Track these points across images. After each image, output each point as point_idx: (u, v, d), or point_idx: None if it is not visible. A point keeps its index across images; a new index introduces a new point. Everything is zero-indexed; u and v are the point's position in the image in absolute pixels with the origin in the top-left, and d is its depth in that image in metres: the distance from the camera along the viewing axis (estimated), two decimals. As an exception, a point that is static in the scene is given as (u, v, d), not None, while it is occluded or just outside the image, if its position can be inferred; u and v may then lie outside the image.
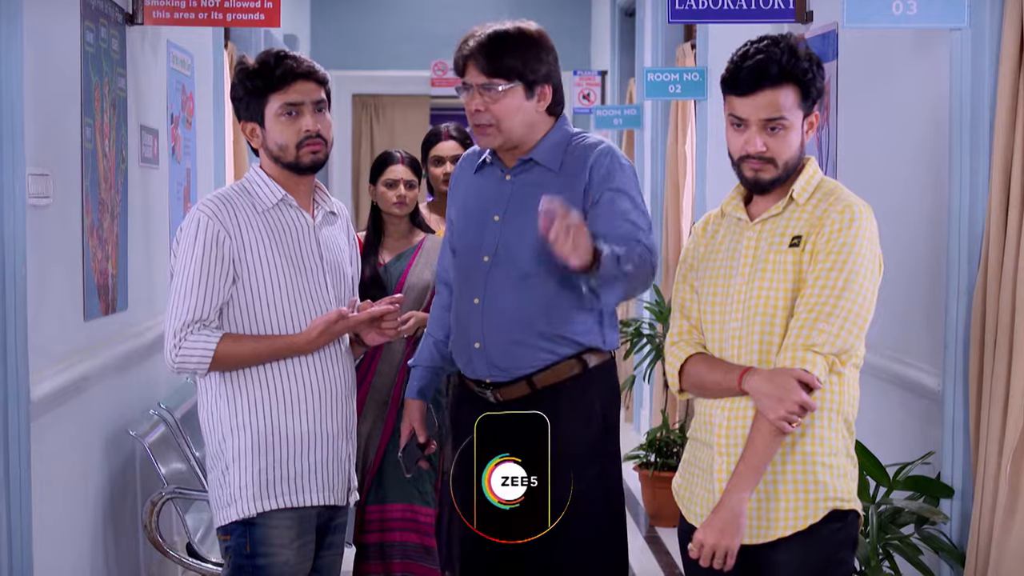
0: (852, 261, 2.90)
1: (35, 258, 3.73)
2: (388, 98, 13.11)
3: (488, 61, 3.47)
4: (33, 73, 3.72)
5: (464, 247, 3.63)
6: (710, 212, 3.24)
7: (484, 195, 3.61)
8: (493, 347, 3.51)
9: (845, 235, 2.91)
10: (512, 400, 3.51)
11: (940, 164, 3.81)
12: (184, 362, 3.25)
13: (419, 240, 4.94)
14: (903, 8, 3.68)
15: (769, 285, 2.97)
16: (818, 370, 2.87)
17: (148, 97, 5.15)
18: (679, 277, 3.22)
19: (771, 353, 2.96)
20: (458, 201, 3.72)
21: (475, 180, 3.67)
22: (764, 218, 3.04)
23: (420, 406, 3.80)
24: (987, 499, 3.51)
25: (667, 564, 6.11)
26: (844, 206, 2.95)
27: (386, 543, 4.88)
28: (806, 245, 2.95)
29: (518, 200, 3.53)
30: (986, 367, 3.57)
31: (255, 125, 3.36)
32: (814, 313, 2.89)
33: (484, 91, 3.48)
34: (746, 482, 2.90)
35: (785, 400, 2.84)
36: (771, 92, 2.96)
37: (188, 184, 5.92)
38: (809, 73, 2.97)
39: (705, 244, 3.17)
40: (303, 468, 3.32)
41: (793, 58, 2.96)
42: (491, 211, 3.57)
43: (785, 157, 2.99)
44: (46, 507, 3.82)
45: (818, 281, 2.91)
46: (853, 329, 2.90)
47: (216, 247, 3.25)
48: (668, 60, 8.14)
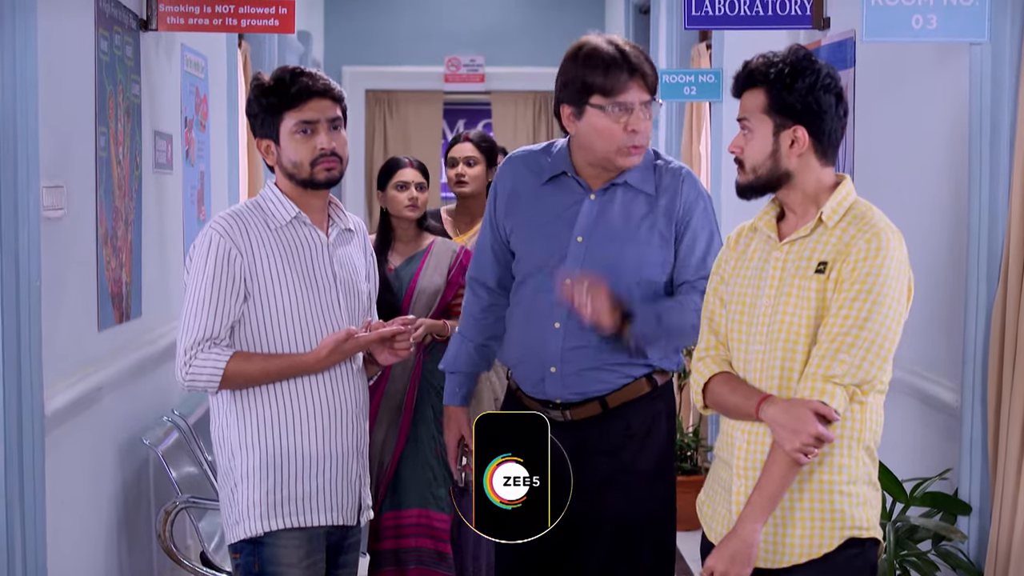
0: (877, 291, 2.84)
1: (49, 270, 3.72)
2: (401, 94, 13.08)
3: (655, 75, 3.44)
4: (47, 84, 3.71)
5: (537, 265, 3.52)
6: (744, 223, 3.17)
7: (560, 211, 3.49)
8: (571, 372, 3.46)
9: (871, 264, 2.86)
10: (583, 419, 3.49)
11: (959, 179, 3.78)
12: (194, 380, 3.23)
13: (428, 244, 4.93)
14: (923, 22, 3.65)
15: (793, 311, 2.93)
16: (837, 402, 2.83)
17: (162, 102, 5.14)
18: (710, 289, 3.17)
19: (792, 380, 2.92)
20: (521, 208, 3.57)
21: (546, 191, 3.53)
22: (792, 239, 2.98)
23: (467, 412, 3.72)
24: (1005, 518, 3.48)
25: (681, 570, 6.07)
26: (872, 234, 2.89)
27: (401, 549, 4.88)
28: (831, 272, 2.89)
29: (606, 224, 3.45)
30: (1005, 384, 3.54)
31: (270, 142, 3.33)
32: (836, 343, 2.84)
33: (645, 108, 3.41)
34: (760, 512, 2.87)
35: (800, 432, 2.81)
36: (745, 94, 2.99)
37: (202, 187, 5.92)
38: (777, 80, 2.91)
39: (736, 258, 3.12)
40: (312, 488, 3.30)
41: (770, 62, 2.94)
42: (572, 230, 3.46)
43: (751, 161, 2.96)
44: (60, 517, 3.82)
45: (841, 310, 2.86)
46: (875, 360, 2.86)
47: (227, 265, 3.24)
48: (683, 60, 8.10)
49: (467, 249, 4.94)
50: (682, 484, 6.61)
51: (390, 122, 13.12)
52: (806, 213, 2.99)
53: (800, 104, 2.92)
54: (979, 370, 3.66)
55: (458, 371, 3.73)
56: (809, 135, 2.93)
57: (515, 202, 3.58)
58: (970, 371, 3.68)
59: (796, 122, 2.92)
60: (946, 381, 3.88)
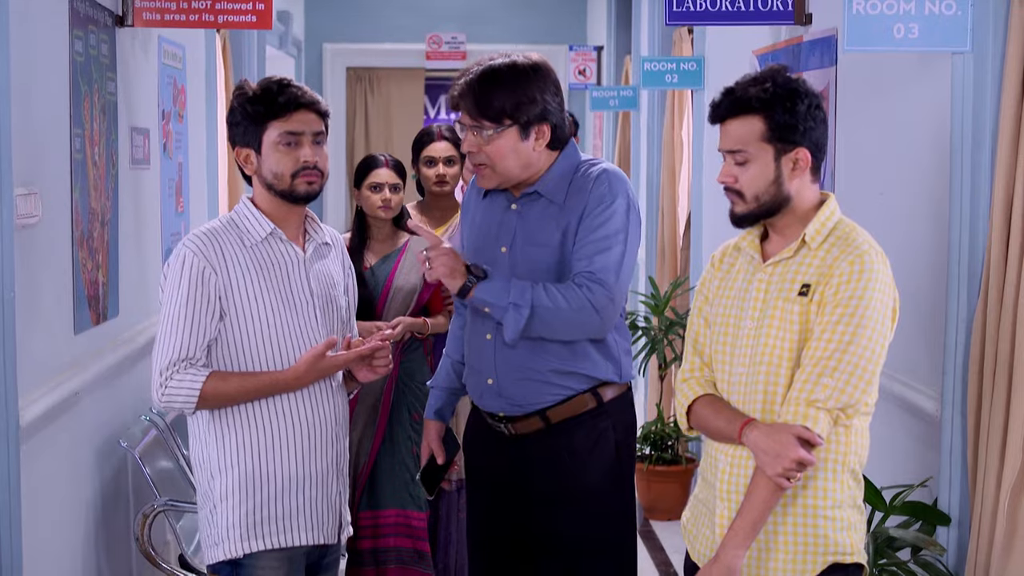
0: (860, 314, 2.82)
1: (23, 278, 3.68)
2: (383, 71, 13.01)
3: (476, 104, 3.35)
4: (20, 91, 3.66)
5: None
6: (728, 242, 3.15)
7: (491, 223, 3.53)
8: (506, 383, 3.45)
9: (854, 287, 2.83)
10: (526, 434, 3.48)
11: (941, 189, 3.76)
12: (171, 401, 3.20)
13: (403, 242, 4.90)
14: (905, 31, 3.62)
15: (776, 335, 2.90)
16: (820, 426, 2.82)
17: (139, 97, 5.09)
18: (694, 309, 3.15)
19: (775, 404, 2.91)
20: (467, 225, 3.64)
21: (483, 205, 3.58)
22: (776, 260, 2.96)
23: (439, 427, 3.75)
24: (984, 531, 3.48)
25: (661, 561, 6.09)
26: (856, 255, 2.86)
27: (379, 548, 4.87)
28: (814, 295, 2.87)
29: (524, 233, 3.45)
30: (985, 396, 3.53)
31: (250, 151, 3.29)
32: (819, 367, 2.82)
33: (476, 132, 3.38)
34: (742, 537, 2.86)
35: (782, 457, 2.80)
36: (733, 122, 2.91)
37: (180, 179, 5.87)
38: (776, 105, 2.87)
39: (720, 278, 3.10)
40: (291, 508, 3.28)
41: (760, 88, 2.88)
42: (499, 241, 3.49)
43: (753, 191, 2.92)
44: (36, 525, 3.79)
45: (824, 334, 2.84)
46: (859, 384, 2.84)
47: (201, 284, 3.19)
48: (665, 44, 8.06)
49: None
50: (662, 474, 6.72)
51: (371, 99, 13.07)
52: (791, 233, 2.97)
53: (803, 127, 2.89)
54: (959, 381, 3.65)
55: (437, 386, 3.77)
56: (810, 156, 2.91)
57: (466, 219, 3.66)
58: (950, 382, 3.67)
59: (798, 145, 2.89)
60: (927, 390, 3.87)
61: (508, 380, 3.45)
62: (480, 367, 3.51)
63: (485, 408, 3.54)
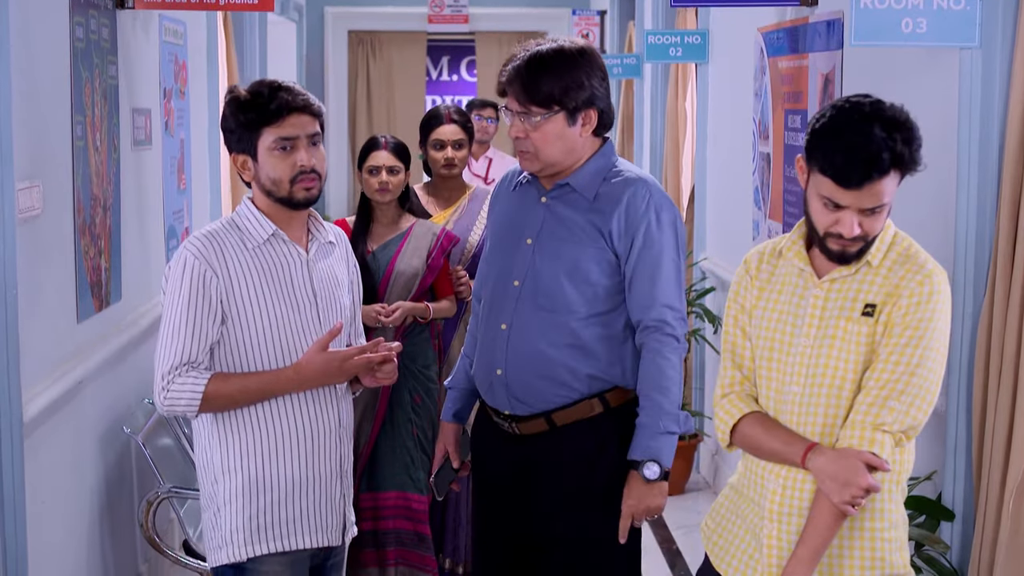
0: (928, 336, 2.76)
1: (26, 270, 3.67)
2: (385, 34, 12.96)
3: (525, 90, 3.34)
4: (22, 82, 3.64)
5: (496, 268, 3.55)
6: (763, 247, 3.04)
7: (519, 215, 3.52)
8: (515, 377, 3.45)
9: (923, 309, 2.76)
10: (531, 435, 3.47)
11: (948, 185, 3.73)
12: (173, 405, 3.18)
13: (408, 226, 4.87)
14: (913, 26, 3.58)
15: (838, 355, 2.82)
16: (886, 451, 2.76)
17: (140, 78, 5.06)
18: (730, 319, 3.04)
19: (835, 427, 2.83)
20: (494, 218, 3.64)
21: (512, 198, 3.58)
22: (834, 277, 2.86)
23: (455, 429, 3.74)
24: (988, 527, 3.48)
25: (664, 539, 6.11)
26: (924, 275, 2.79)
27: (380, 531, 4.88)
28: (880, 315, 2.80)
29: (551, 225, 3.44)
30: (990, 393, 3.53)
31: (247, 158, 3.25)
32: (885, 391, 2.76)
33: (524, 118, 3.37)
34: (806, 565, 2.80)
35: (851, 485, 2.74)
36: (879, 182, 2.71)
37: (182, 156, 5.85)
38: (911, 157, 2.73)
39: (759, 287, 2.99)
40: (294, 512, 3.27)
41: (906, 145, 2.71)
42: (524, 233, 3.48)
43: (877, 231, 2.81)
44: (41, 515, 3.81)
45: (891, 356, 2.77)
46: (923, 406, 2.78)
47: (203, 288, 3.17)
48: (669, 15, 8.01)
49: (448, 231, 4.89)
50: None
51: (373, 63, 13.02)
52: None
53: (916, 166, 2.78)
54: (964, 378, 3.64)
55: (454, 387, 3.76)
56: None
57: (493, 212, 3.67)
58: (955, 378, 3.66)
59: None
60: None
61: (517, 374, 3.44)
62: (491, 357, 3.50)
63: (491, 403, 3.54)
